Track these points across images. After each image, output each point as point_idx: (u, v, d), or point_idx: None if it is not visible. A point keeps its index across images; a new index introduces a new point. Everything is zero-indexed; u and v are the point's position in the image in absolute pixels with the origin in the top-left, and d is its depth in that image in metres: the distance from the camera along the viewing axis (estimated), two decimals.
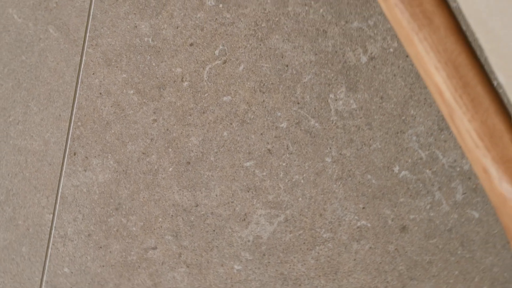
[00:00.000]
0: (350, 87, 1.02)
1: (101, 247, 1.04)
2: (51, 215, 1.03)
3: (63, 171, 1.02)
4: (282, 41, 1.01)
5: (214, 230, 1.03)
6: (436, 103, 0.84)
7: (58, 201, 1.03)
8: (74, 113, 1.02)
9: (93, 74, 1.01)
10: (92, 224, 1.03)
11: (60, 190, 1.02)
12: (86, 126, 1.02)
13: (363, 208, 1.03)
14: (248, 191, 1.03)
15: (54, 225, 1.03)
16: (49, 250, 1.04)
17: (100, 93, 1.02)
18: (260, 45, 1.01)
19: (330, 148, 1.02)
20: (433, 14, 0.72)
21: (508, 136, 0.73)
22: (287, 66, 1.01)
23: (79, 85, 1.02)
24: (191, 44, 1.01)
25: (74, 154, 1.02)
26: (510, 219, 0.74)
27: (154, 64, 1.01)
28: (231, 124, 1.02)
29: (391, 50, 1.00)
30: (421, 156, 1.02)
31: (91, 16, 1.01)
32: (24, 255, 1.03)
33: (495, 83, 0.77)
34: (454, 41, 0.73)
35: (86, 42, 1.02)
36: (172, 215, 1.03)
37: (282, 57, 1.01)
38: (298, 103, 1.02)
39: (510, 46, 0.73)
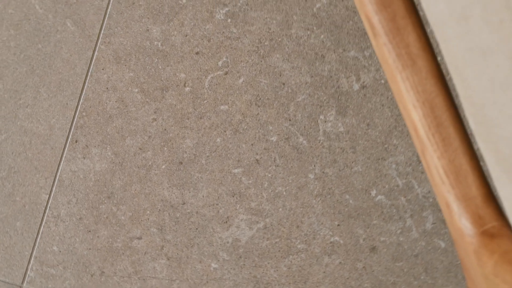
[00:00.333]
0: (340, 111, 1.06)
1: (90, 231, 1.08)
2: (47, 195, 1.08)
3: (64, 156, 1.07)
4: (282, 61, 1.06)
5: (197, 228, 1.08)
6: (412, 138, 0.89)
7: (56, 184, 1.07)
8: (80, 103, 1.06)
9: (103, 69, 1.06)
10: (84, 209, 1.08)
11: (58, 174, 1.07)
12: (90, 117, 1.06)
13: (338, 225, 1.07)
14: (233, 196, 1.07)
15: (49, 205, 1.08)
16: (42, 228, 1.08)
17: (107, 88, 1.06)
18: (261, 61, 1.06)
19: (314, 166, 1.07)
20: (417, 56, 0.77)
21: (472, 177, 0.77)
22: (283, 84, 1.06)
23: (88, 78, 1.06)
24: (197, 53, 1.06)
25: (76, 141, 1.07)
26: (465, 253, 0.79)
27: (160, 67, 1.06)
28: (225, 131, 1.07)
29: (382, 81, 1.05)
30: (398, 183, 1.07)
31: (107, 15, 1.06)
32: (17, 229, 1.08)
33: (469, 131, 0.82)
34: (433, 83, 0.77)
35: (100, 39, 1.06)
36: (159, 210, 1.08)
37: (280, 75, 1.06)
38: (290, 120, 1.06)
39: (480, 96, 0.77)
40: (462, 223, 0.77)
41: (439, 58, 0.80)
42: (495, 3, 0.61)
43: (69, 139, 1.06)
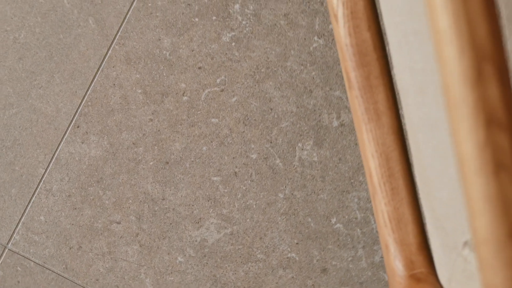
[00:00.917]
0: (317, 143, 1.15)
1: (75, 209, 1.16)
2: (44, 170, 1.15)
3: (65, 138, 1.15)
4: (274, 88, 1.14)
5: (171, 223, 1.16)
6: (367, 181, 0.97)
7: (53, 161, 1.15)
8: (88, 93, 1.14)
9: (113, 67, 1.14)
10: (74, 188, 1.15)
11: (57, 153, 1.15)
12: (94, 107, 1.14)
13: (297, 243, 1.15)
14: (208, 201, 1.15)
15: (43, 179, 1.16)
16: (33, 198, 1.16)
17: (114, 84, 1.14)
18: (255, 85, 1.14)
19: (285, 187, 1.15)
20: (382, 113, 0.85)
21: (412, 226, 0.86)
22: (271, 109, 1.14)
23: (99, 73, 1.14)
24: (199, 68, 1.14)
25: (78, 127, 1.14)
26: None
27: (164, 74, 1.14)
28: (211, 142, 1.15)
29: None
30: (357, 216, 1.15)
31: (126, 20, 1.14)
32: (12, 195, 1.16)
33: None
34: (392, 139, 0.85)
35: (116, 39, 1.14)
36: (140, 201, 1.15)
37: (270, 101, 1.14)
38: (271, 142, 1.14)
39: (425, 159, 0.86)
40: (396, 264, 0.85)
41: (402, 119, 0.88)
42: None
43: (72, 124, 1.14)
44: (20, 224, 1.15)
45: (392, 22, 0.85)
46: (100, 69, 1.13)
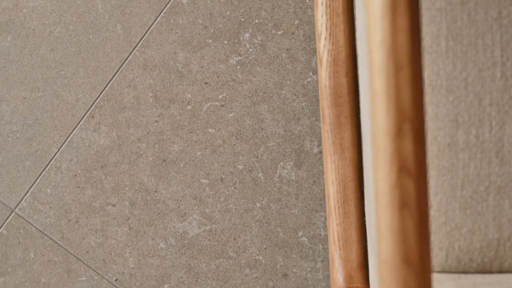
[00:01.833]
0: (297, 164, 1.25)
1: (78, 187, 1.27)
2: (57, 149, 1.26)
3: (79, 124, 1.25)
4: (267, 111, 1.25)
5: (159, 213, 1.27)
6: (326, 203, 1.08)
7: (66, 143, 1.25)
8: (105, 89, 1.25)
9: (131, 70, 1.25)
10: (80, 169, 1.26)
11: (70, 136, 1.25)
12: (109, 102, 1.25)
13: (265, 248, 1.26)
14: (194, 199, 1.26)
15: (55, 157, 1.26)
16: (44, 172, 1.26)
17: (129, 85, 1.25)
18: (251, 106, 1.25)
19: (263, 198, 1.26)
20: (346, 148, 0.96)
21: (356, 246, 0.96)
22: (262, 129, 1.25)
23: (118, 73, 1.25)
24: (206, 83, 1.25)
25: (92, 117, 1.25)
26: None
27: (174, 83, 1.25)
28: (205, 149, 1.25)
29: None
30: (321, 233, 1.25)
31: (149, 31, 1.25)
32: (25, 167, 1.26)
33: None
34: (351, 171, 0.96)
35: (137, 47, 1.25)
36: (136, 189, 1.26)
37: (262, 122, 1.25)
38: (257, 158, 1.25)
39: (369, 193, 0.96)
40: (337, 277, 0.96)
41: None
42: None
43: (87, 113, 1.25)
44: (29, 193, 1.25)
45: (361, 73, 0.95)
46: (120, 70, 1.24)
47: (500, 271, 0.91)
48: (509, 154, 0.87)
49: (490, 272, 0.91)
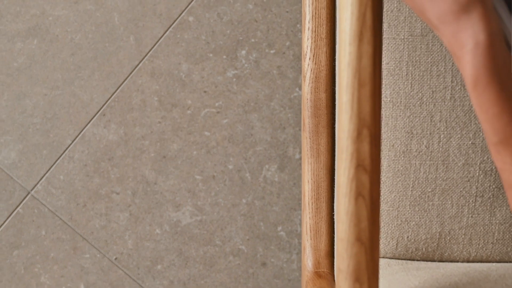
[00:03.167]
0: (280, 168, 1.35)
1: (87, 176, 1.35)
2: (71, 141, 1.33)
3: (92, 121, 1.33)
4: (257, 120, 1.34)
5: (156, 203, 1.36)
6: (301, 199, 1.17)
7: (79, 136, 1.33)
8: (116, 92, 1.33)
9: (140, 76, 1.34)
10: (90, 160, 1.35)
11: (83, 131, 1.33)
12: (119, 103, 1.34)
13: (248, 239, 1.36)
14: (188, 192, 1.35)
15: (69, 148, 1.33)
16: (58, 160, 1.33)
17: (137, 89, 1.34)
18: (243, 114, 1.34)
19: (248, 195, 1.35)
20: (321, 153, 1.06)
21: (325, 237, 1.06)
22: (251, 135, 1.34)
23: (128, 78, 1.33)
24: (205, 91, 1.34)
25: (104, 115, 1.34)
26: (303, 281, 1.08)
27: (177, 90, 1.34)
28: (201, 149, 1.35)
29: None
30: (297, 229, 1.35)
31: (158, 43, 1.34)
32: (42, 155, 1.34)
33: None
34: (325, 173, 1.06)
35: (147, 56, 1.34)
36: (138, 181, 1.35)
37: (252, 128, 1.34)
38: (245, 160, 1.35)
39: None
40: (307, 263, 1.06)
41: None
42: None
43: (99, 112, 1.33)
44: (44, 178, 1.33)
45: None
46: (130, 76, 1.33)
47: (441, 260, 1.02)
48: (453, 163, 0.99)
49: (432, 260, 1.02)
